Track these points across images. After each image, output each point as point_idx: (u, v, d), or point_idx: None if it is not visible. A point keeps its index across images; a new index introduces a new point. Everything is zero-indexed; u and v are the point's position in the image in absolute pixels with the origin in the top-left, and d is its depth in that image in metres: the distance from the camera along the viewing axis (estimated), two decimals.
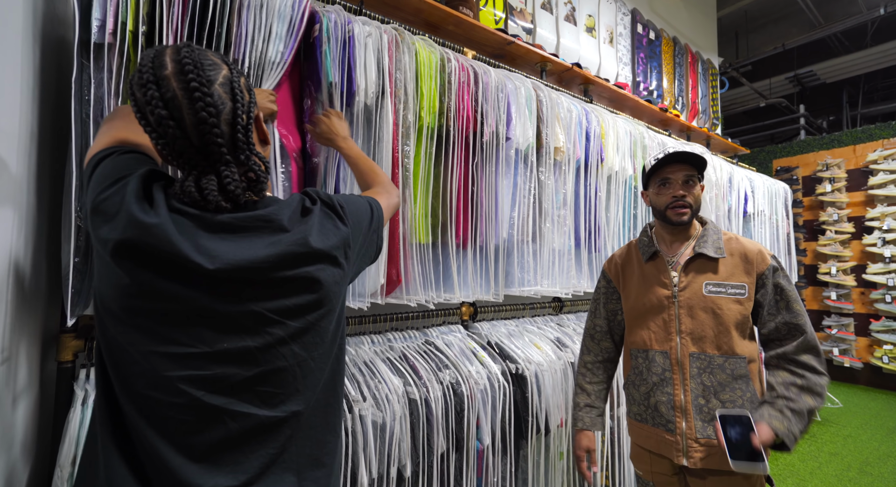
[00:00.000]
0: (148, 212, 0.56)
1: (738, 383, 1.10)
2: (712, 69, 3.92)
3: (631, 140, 2.07)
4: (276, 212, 0.64)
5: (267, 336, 0.60)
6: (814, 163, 4.98)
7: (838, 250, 4.64)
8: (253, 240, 0.61)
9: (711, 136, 3.34)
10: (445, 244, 1.43)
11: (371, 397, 1.21)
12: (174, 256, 0.55)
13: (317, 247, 0.64)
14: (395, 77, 1.32)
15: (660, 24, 3.43)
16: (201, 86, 0.57)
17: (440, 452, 1.31)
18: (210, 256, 0.57)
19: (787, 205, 3.60)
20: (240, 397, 0.58)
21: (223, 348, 0.57)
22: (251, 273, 0.59)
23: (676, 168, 1.18)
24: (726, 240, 1.18)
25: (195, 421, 0.56)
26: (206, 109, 0.57)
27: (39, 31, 0.88)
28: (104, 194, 0.58)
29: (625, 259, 1.35)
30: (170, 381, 0.55)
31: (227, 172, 0.60)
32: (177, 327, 0.56)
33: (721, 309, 1.11)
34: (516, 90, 1.61)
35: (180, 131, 0.57)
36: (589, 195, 1.87)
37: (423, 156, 1.37)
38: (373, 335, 1.45)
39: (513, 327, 1.80)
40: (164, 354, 0.56)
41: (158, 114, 0.56)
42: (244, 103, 0.62)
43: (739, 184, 2.88)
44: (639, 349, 1.24)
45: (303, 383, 0.64)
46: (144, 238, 0.55)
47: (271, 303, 0.61)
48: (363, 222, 0.78)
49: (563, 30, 2.58)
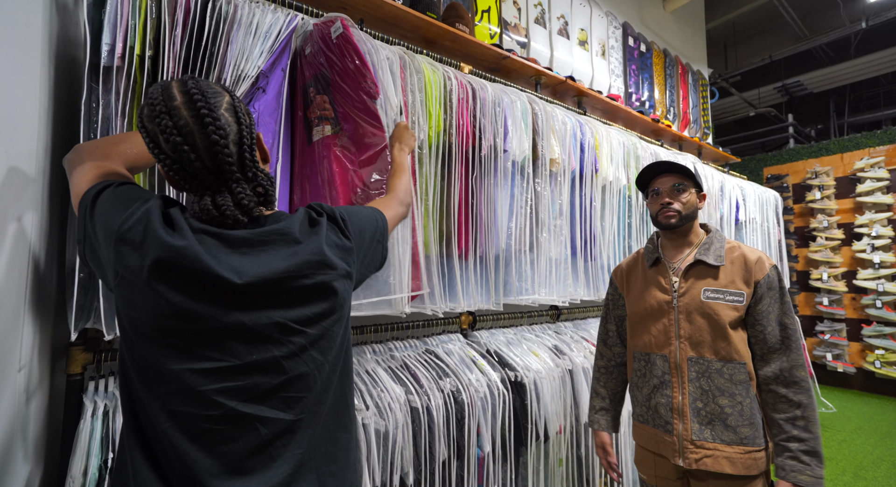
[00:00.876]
0: (174, 236, 0.60)
1: (737, 388, 1.12)
2: (702, 80, 4.02)
3: (624, 151, 2.13)
4: (289, 226, 0.69)
5: (291, 345, 0.64)
6: (803, 171, 5.08)
7: (829, 256, 4.72)
8: (271, 253, 0.65)
9: (703, 146, 3.42)
10: (450, 255, 1.47)
11: (374, 405, 1.23)
12: (205, 274, 0.59)
13: (329, 257, 0.69)
14: (408, 98, 1.36)
15: (650, 37, 3.52)
16: (210, 113, 0.62)
17: (441, 459, 1.33)
18: (237, 272, 0.61)
19: (778, 212, 3.67)
20: (269, 403, 0.62)
21: (252, 360, 0.61)
22: (274, 284, 0.63)
23: (665, 178, 1.26)
24: (729, 249, 1.22)
25: (230, 430, 0.60)
26: (216, 133, 0.62)
27: (54, 52, 0.92)
28: (127, 224, 0.60)
29: (631, 266, 1.40)
30: (205, 395, 0.59)
31: (239, 189, 0.65)
32: (209, 343, 0.60)
33: (718, 314, 1.14)
34: (512, 104, 1.66)
35: (195, 155, 0.62)
36: (584, 205, 1.91)
37: (433, 173, 1.41)
38: (374, 344, 1.48)
39: (511, 335, 1.83)
40: (198, 371, 0.59)
41: (174, 142, 0.61)
42: (247, 125, 0.67)
43: (731, 193, 2.94)
44: (641, 352, 1.28)
45: (321, 385, 0.68)
46: (176, 260, 0.58)
47: (293, 313, 0.65)
48: (366, 234, 0.82)
49: (556, 43, 2.65)
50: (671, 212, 1.22)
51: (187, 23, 1.02)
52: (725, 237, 1.27)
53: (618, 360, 1.42)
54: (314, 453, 0.66)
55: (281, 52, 1.20)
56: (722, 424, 1.12)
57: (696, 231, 1.28)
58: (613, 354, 1.42)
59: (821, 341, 4.73)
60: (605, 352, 1.44)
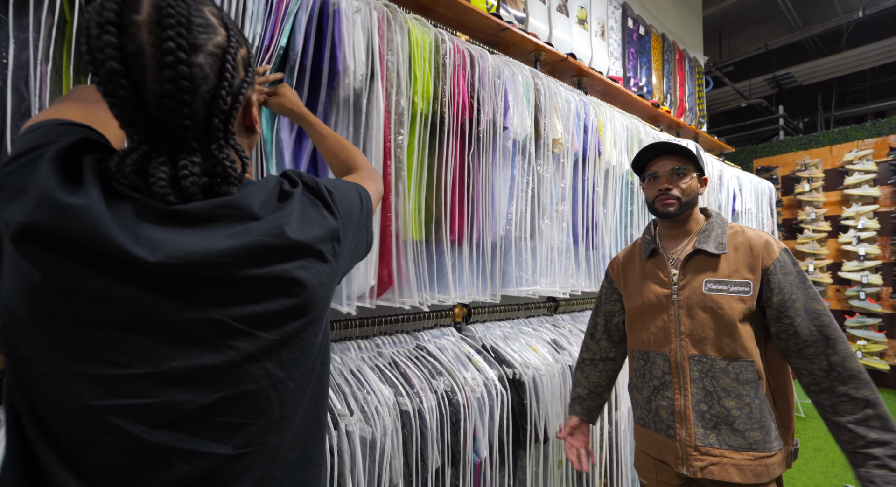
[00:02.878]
0: (71, 191, 0.43)
1: (745, 389, 1.01)
2: (698, 67, 3.92)
3: (628, 134, 2.01)
4: (246, 197, 0.51)
5: (231, 351, 0.47)
6: (792, 163, 5.08)
7: (816, 248, 4.75)
8: (213, 230, 0.48)
9: (699, 134, 3.34)
10: (440, 241, 1.32)
11: (359, 410, 1.09)
12: (104, 246, 0.42)
13: (296, 239, 0.52)
14: (387, 58, 1.20)
15: (649, 20, 3.39)
16: (179, 50, 0.43)
17: (435, 468, 1.20)
18: (153, 247, 0.44)
19: (772, 203, 3.63)
20: (193, 431, 0.45)
21: (171, 367, 0.44)
22: (209, 269, 0.46)
23: (664, 161, 1.14)
24: (731, 234, 1.10)
25: (131, 466, 0.43)
26: (176, 81, 0.44)
27: None
28: (13, 165, 0.44)
29: (627, 258, 1.29)
30: (97, 413, 0.42)
31: (185, 162, 0.47)
32: (107, 340, 0.43)
33: (722, 308, 1.03)
34: (514, 77, 1.51)
35: (134, 97, 0.44)
36: (587, 190, 1.78)
37: (417, 146, 1.26)
38: (360, 340, 1.33)
39: (508, 329, 1.71)
40: (88, 377, 0.42)
41: (110, 67, 0.43)
42: (233, 82, 0.49)
43: (728, 183, 2.88)
44: (639, 351, 1.18)
45: (279, 410, 0.51)
46: (62, 221, 0.41)
47: (237, 310, 0.48)
48: (354, 212, 0.65)
49: (555, 20, 2.49)
50: (670, 198, 1.10)
51: None
52: (728, 221, 1.15)
53: (603, 355, 1.33)
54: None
55: None
56: (729, 428, 1.01)
57: (695, 218, 1.16)
58: (599, 348, 1.34)
59: None
60: (591, 346, 1.35)
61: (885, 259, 4.35)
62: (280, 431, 0.52)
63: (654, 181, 1.14)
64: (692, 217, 1.15)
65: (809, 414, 3.69)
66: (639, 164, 1.20)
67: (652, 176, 1.15)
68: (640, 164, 1.20)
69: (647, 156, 1.17)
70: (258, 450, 0.49)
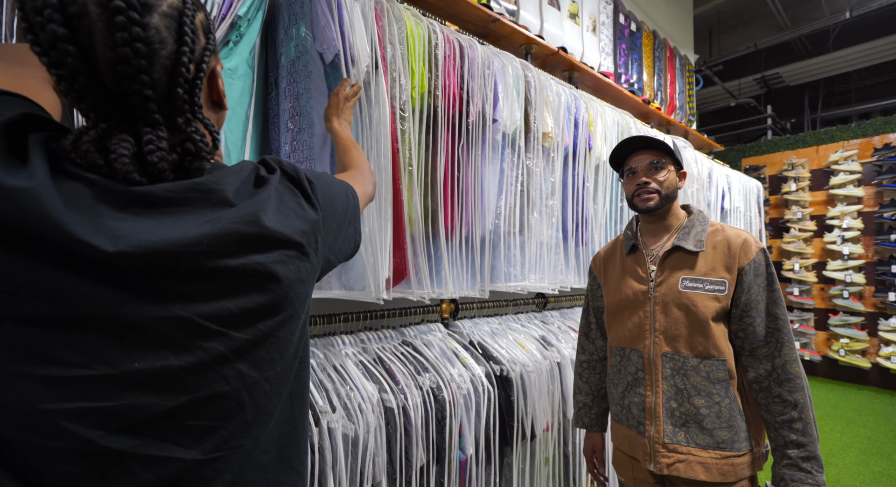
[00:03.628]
0: (14, 172, 0.38)
1: (715, 388, 1.01)
2: (689, 66, 3.94)
3: (619, 130, 1.99)
4: (218, 180, 0.47)
5: (199, 351, 0.44)
6: (780, 162, 5.13)
7: (801, 247, 4.81)
8: (181, 217, 0.44)
9: (689, 132, 3.35)
10: (436, 235, 1.29)
11: (341, 407, 1.06)
12: (53, 234, 0.38)
13: (272, 229, 0.48)
14: (387, 49, 1.16)
15: (640, 17, 3.39)
16: (130, 9, 0.40)
17: (419, 465, 1.17)
18: (112, 236, 0.40)
19: (760, 201, 3.66)
20: (157, 436, 0.42)
21: (133, 368, 0.41)
22: (176, 260, 0.42)
23: (641, 156, 1.13)
24: (711, 232, 1.10)
25: (88, 474, 0.40)
26: (131, 44, 0.40)
27: None
28: None
29: (609, 254, 1.28)
30: (46, 418, 0.38)
31: (150, 136, 0.43)
32: (60, 339, 0.39)
33: (696, 306, 1.02)
34: (504, 68, 1.48)
35: (84, 66, 0.40)
36: (577, 185, 1.77)
37: (416, 141, 1.22)
38: (344, 335, 1.30)
39: (496, 325, 1.69)
40: (38, 378, 0.38)
41: (52, 32, 0.38)
42: (194, 48, 0.46)
43: (718, 181, 2.89)
44: (616, 346, 1.18)
45: (253, 413, 0.48)
46: (3, 207, 0.37)
47: (207, 306, 0.44)
48: (337, 206, 0.62)
49: (546, 14, 2.47)
50: (648, 192, 1.09)
51: None
52: (709, 219, 1.14)
53: (600, 354, 1.32)
54: None
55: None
56: (697, 426, 1.01)
57: (675, 213, 1.15)
58: (596, 348, 1.32)
59: None
60: (588, 346, 1.33)
61: (868, 258, 4.43)
62: (253, 434, 0.49)
63: (633, 176, 1.13)
64: (672, 212, 1.14)
65: None
66: (616, 160, 1.19)
67: (630, 171, 1.14)
68: (618, 160, 1.19)
69: (624, 151, 1.15)
70: (229, 454, 0.46)
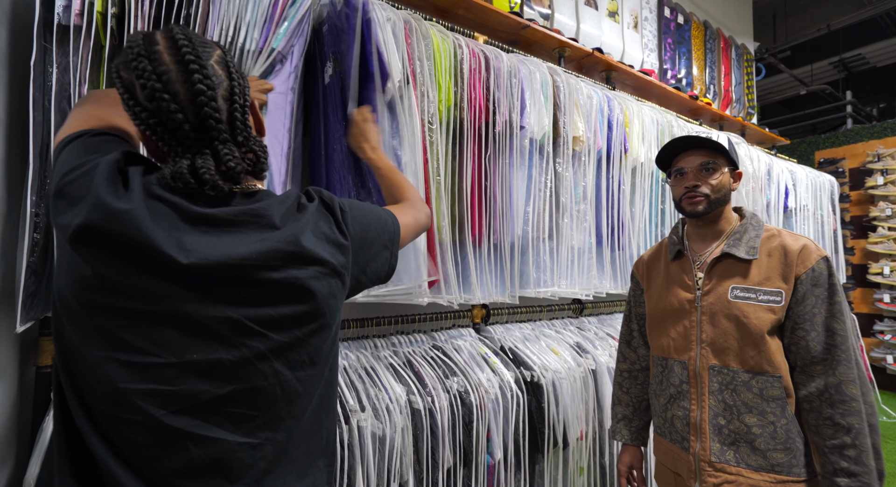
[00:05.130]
0: (120, 197, 0.50)
1: (769, 406, 0.94)
2: (747, 54, 3.66)
3: (658, 129, 1.91)
4: (268, 207, 0.57)
5: (244, 348, 0.52)
6: (863, 153, 4.59)
7: (892, 248, 4.26)
8: (237, 235, 0.54)
9: (747, 126, 3.11)
10: (463, 243, 1.33)
11: (371, 407, 1.12)
12: (144, 247, 0.48)
13: (309, 248, 0.57)
14: (416, 65, 1.22)
15: (689, 8, 3.21)
16: (197, 59, 0.53)
17: (447, 467, 1.21)
18: (186, 249, 0.50)
19: (834, 199, 3.32)
20: (208, 419, 0.50)
21: (192, 359, 0.50)
22: (232, 271, 0.52)
23: (691, 156, 1.06)
24: (767, 238, 1.02)
25: (153, 445, 0.49)
26: (203, 82, 0.53)
27: (7, 14, 0.83)
28: (70, 176, 0.51)
29: (653, 258, 1.23)
30: (126, 395, 0.48)
31: (226, 150, 0.54)
32: (141, 330, 0.49)
33: (748, 317, 0.96)
34: (531, 75, 1.49)
35: (176, 105, 0.52)
36: (612, 188, 1.72)
37: (443, 152, 1.27)
38: (376, 338, 1.37)
39: (528, 331, 1.68)
40: (122, 362, 0.48)
41: (152, 88, 0.52)
42: (240, 83, 0.58)
43: (779, 177, 2.66)
44: (659, 356, 1.13)
45: (285, 408, 0.56)
46: (111, 224, 0.48)
47: (252, 311, 0.53)
48: (369, 233, 0.68)
49: (583, 14, 2.43)
50: (698, 196, 1.03)
51: None
52: (764, 223, 1.06)
53: (642, 363, 1.26)
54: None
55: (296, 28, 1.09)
56: (748, 446, 0.95)
57: (727, 217, 1.08)
58: (638, 357, 1.26)
59: (880, 342, 4.30)
60: (629, 355, 1.28)
61: None
62: (285, 427, 0.56)
63: (681, 177, 1.07)
64: (723, 216, 1.08)
65: (884, 435, 3.31)
66: (664, 160, 1.13)
67: (678, 172, 1.08)
68: (666, 160, 1.13)
69: (672, 150, 1.09)
70: (264, 443, 0.54)
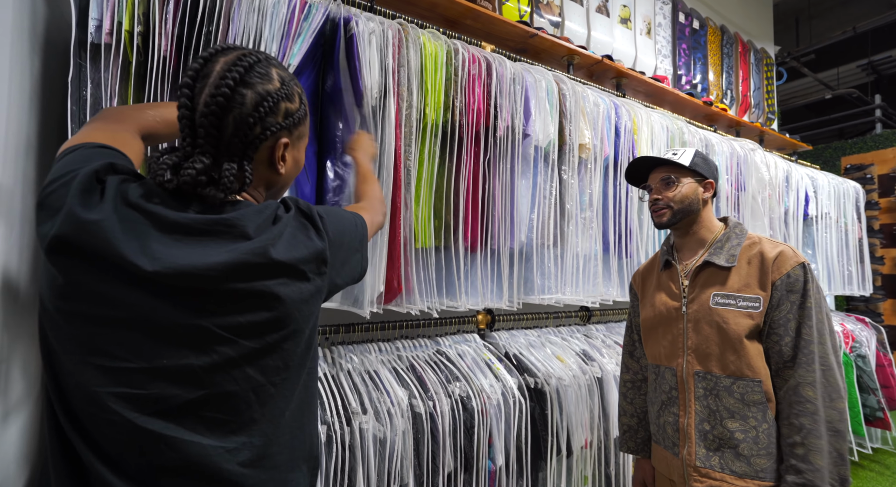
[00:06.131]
0: (91, 208, 0.51)
1: (751, 411, 0.96)
2: (767, 59, 3.59)
3: (668, 135, 1.90)
4: (242, 218, 0.58)
5: (214, 354, 0.54)
6: (893, 159, 4.43)
7: None
8: (209, 245, 0.55)
9: (765, 132, 3.04)
10: (449, 248, 1.34)
11: (372, 410, 1.15)
12: (111, 256, 0.50)
13: (277, 259, 0.58)
14: (398, 74, 1.26)
15: (705, 13, 3.17)
16: (232, 80, 0.57)
17: (447, 471, 1.22)
18: (153, 257, 0.51)
19: (859, 206, 3.20)
20: (181, 422, 0.52)
21: (162, 364, 0.51)
22: (198, 281, 0.53)
23: (655, 173, 1.15)
24: (747, 246, 1.05)
25: (132, 444, 0.51)
26: (217, 98, 0.56)
27: (42, 36, 0.90)
28: (51, 187, 0.53)
29: (647, 269, 1.27)
30: (101, 398, 0.50)
31: (195, 158, 0.57)
32: (112, 336, 0.51)
33: (727, 323, 0.99)
34: (536, 83, 1.51)
35: (189, 102, 0.57)
36: (619, 196, 1.72)
37: (427, 155, 1.30)
38: (381, 343, 1.39)
39: (534, 337, 1.68)
40: (96, 366, 0.50)
41: (185, 80, 0.58)
42: (264, 118, 0.60)
43: (798, 184, 2.59)
44: (653, 364, 1.16)
45: (260, 412, 0.57)
46: (80, 235, 0.50)
47: (221, 319, 0.54)
48: (345, 237, 0.71)
49: (594, 22, 2.43)
50: (660, 208, 1.10)
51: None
52: (747, 232, 1.09)
53: (645, 374, 1.26)
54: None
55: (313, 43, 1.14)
56: (732, 452, 0.97)
57: (708, 226, 1.11)
58: (640, 367, 1.27)
59: None
60: (632, 365, 1.29)
61: None
62: (260, 433, 0.57)
63: (650, 194, 1.15)
64: (703, 225, 1.11)
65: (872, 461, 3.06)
66: (637, 181, 1.22)
67: (647, 189, 1.17)
68: (638, 180, 1.22)
69: (640, 171, 1.18)
70: (240, 448, 0.55)
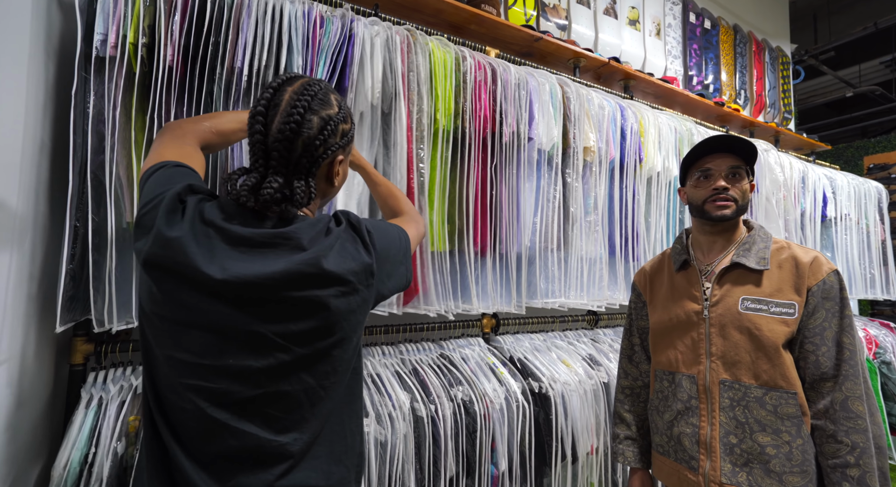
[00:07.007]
0: (173, 226, 0.60)
1: (784, 424, 0.90)
2: (783, 57, 3.51)
3: (676, 137, 1.87)
4: (298, 231, 0.64)
5: (271, 358, 0.60)
6: None
7: None
8: (268, 256, 0.61)
9: (781, 132, 2.98)
10: (462, 252, 1.35)
11: (374, 413, 1.15)
12: (188, 267, 0.58)
13: (329, 270, 0.63)
14: (408, 78, 1.27)
15: (717, 12, 3.13)
16: (301, 108, 0.63)
17: (449, 475, 1.22)
18: (223, 268, 0.59)
19: (882, 207, 3.10)
20: (243, 415, 0.60)
21: (228, 363, 0.59)
22: (259, 289, 0.59)
23: (720, 158, 1.02)
24: (776, 250, 1.00)
25: (200, 431, 0.59)
26: (290, 123, 0.63)
27: (55, 48, 0.94)
28: (145, 209, 0.62)
29: (656, 269, 1.20)
30: (181, 387, 0.59)
31: (271, 179, 0.63)
32: (191, 336, 0.59)
33: (760, 329, 0.94)
34: (539, 87, 1.50)
35: (263, 129, 0.63)
36: (625, 198, 1.70)
37: (440, 161, 1.31)
38: (385, 346, 1.40)
39: (539, 342, 1.67)
40: (179, 360, 0.59)
41: (257, 109, 0.64)
42: (327, 139, 0.67)
43: (816, 184, 2.52)
44: (664, 371, 1.09)
45: (310, 411, 0.64)
46: (165, 250, 0.58)
47: (276, 326, 0.60)
48: (391, 251, 0.75)
49: (602, 24, 2.42)
50: (727, 200, 0.99)
51: (186, 8, 0.99)
52: (772, 236, 1.04)
53: (645, 380, 1.22)
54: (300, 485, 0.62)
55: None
56: (762, 468, 0.91)
57: (739, 227, 1.06)
58: (640, 372, 1.22)
59: None
60: (631, 371, 1.23)
61: None
62: (310, 429, 0.63)
63: (706, 179, 1.02)
64: (737, 227, 1.06)
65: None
66: (687, 162, 1.07)
67: (704, 173, 1.02)
68: (688, 162, 1.07)
69: (700, 151, 1.03)
70: (291, 442, 0.61)
